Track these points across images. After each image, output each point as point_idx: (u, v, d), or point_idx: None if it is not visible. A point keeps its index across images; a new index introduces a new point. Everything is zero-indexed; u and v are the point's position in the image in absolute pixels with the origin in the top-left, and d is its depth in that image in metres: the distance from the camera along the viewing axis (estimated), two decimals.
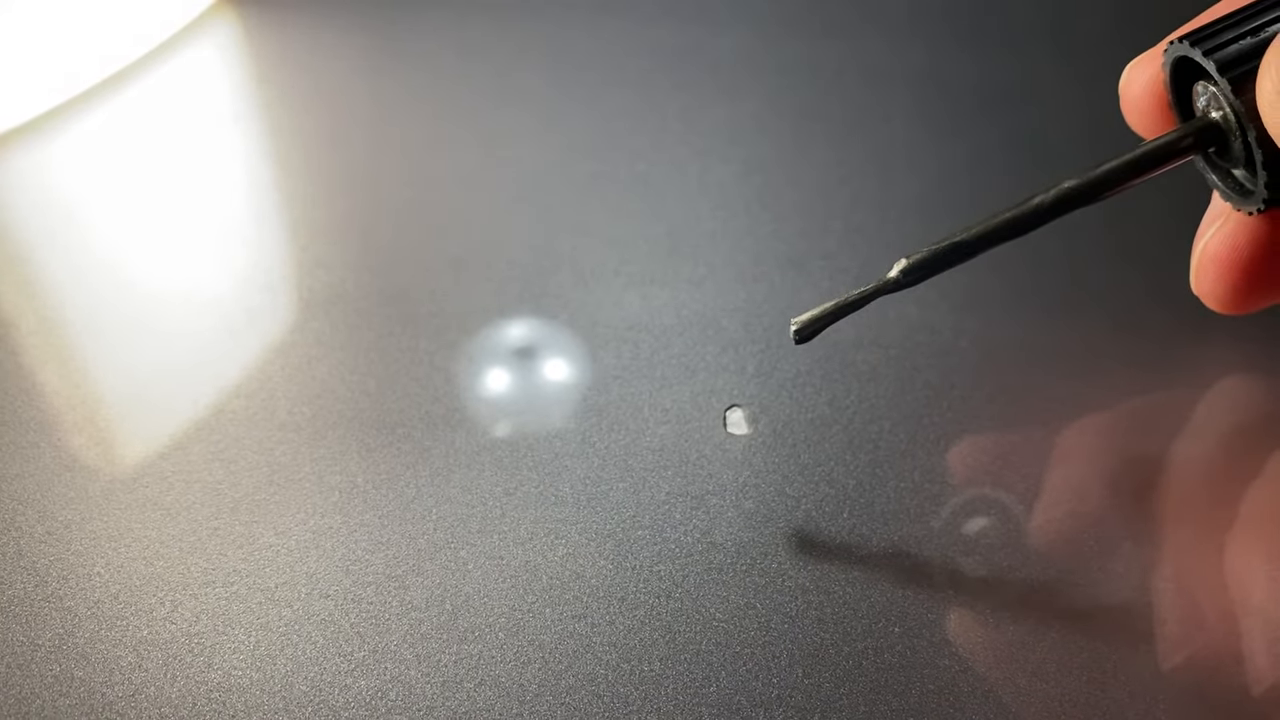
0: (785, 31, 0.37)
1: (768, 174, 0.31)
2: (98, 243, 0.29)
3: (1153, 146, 0.19)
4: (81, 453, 0.23)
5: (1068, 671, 0.20)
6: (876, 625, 0.20)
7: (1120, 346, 0.25)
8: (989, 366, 0.25)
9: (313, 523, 0.22)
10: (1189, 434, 0.24)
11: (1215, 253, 0.20)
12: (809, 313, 0.21)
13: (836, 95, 0.34)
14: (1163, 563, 0.21)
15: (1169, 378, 0.25)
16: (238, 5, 0.38)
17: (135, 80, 0.34)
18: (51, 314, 0.26)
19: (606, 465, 0.23)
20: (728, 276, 0.27)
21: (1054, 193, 0.19)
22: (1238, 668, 0.20)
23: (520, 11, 0.38)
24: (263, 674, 0.19)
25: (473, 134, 0.32)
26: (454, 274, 0.27)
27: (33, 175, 0.31)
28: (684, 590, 0.21)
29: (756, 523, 0.22)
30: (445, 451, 0.23)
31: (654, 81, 0.35)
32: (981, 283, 0.26)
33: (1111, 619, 0.21)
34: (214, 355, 0.25)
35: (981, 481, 0.23)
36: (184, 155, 0.32)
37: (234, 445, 0.23)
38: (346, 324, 0.26)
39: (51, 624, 0.20)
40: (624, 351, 0.25)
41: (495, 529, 0.22)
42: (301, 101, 0.34)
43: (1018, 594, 0.21)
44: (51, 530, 0.22)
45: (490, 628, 0.20)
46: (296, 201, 0.30)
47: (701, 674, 0.20)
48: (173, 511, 0.22)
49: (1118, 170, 0.19)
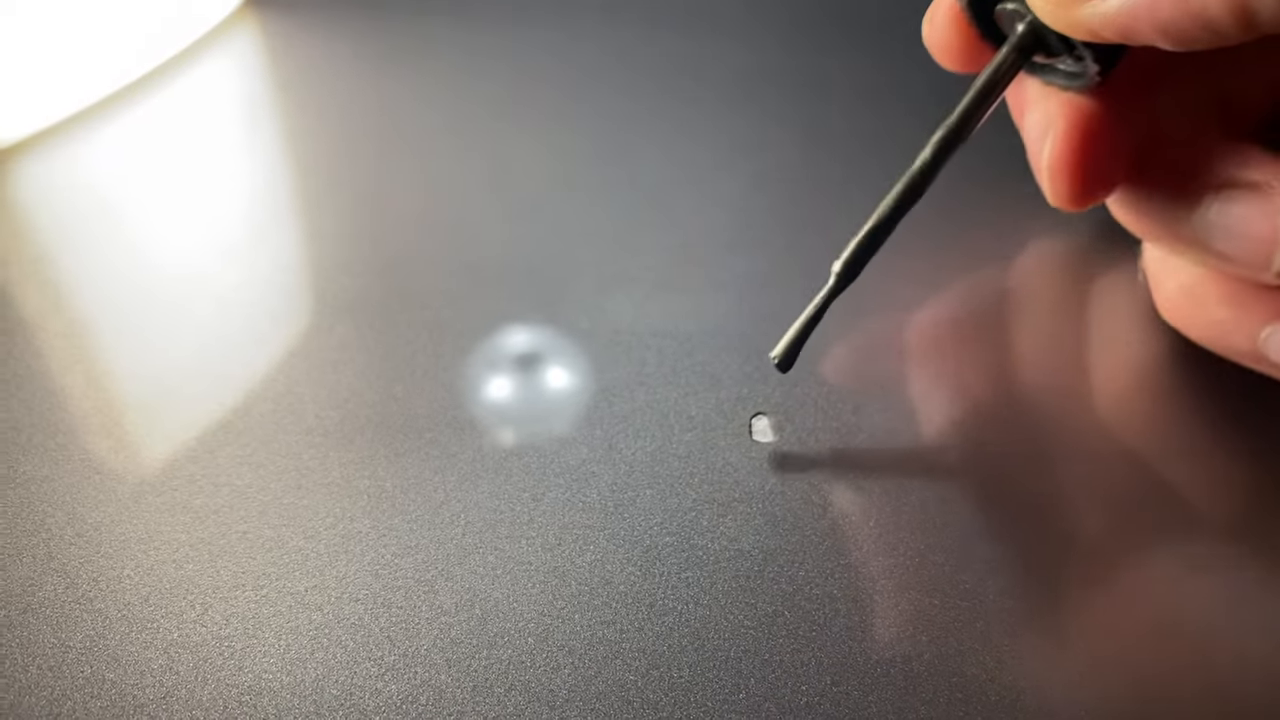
0: (797, 42, 0.37)
1: (782, 183, 0.31)
2: (122, 247, 0.29)
3: (990, 71, 0.22)
4: (110, 456, 0.23)
5: (1097, 678, 0.20)
6: (905, 633, 0.20)
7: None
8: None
9: (341, 527, 0.22)
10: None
11: (1056, 161, 0.22)
12: (781, 342, 0.23)
13: (847, 105, 0.34)
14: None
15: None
16: (258, 14, 0.38)
17: (157, 87, 0.35)
18: (78, 318, 0.27)
19: (634, 472, 0.23)
20: (748, 285, 0.27)
21: (930, 148, 0.22)
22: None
23: (536, 23, 0.38)
24: (293, 677, 0.19)
25: (490, 142, 0.33)
26: (475, 280, 0.28)
27: (57, 180, 0.31)
28: (712, 597, 0.21)
29: (783, 530, 0.22)
30: (472, 457, 0.23)
31: (665, 91, 0.35)
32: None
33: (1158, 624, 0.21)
34: (240, 359, 0.25)
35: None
36: (207, 161, 0.32)
37: (262, 449, 0.23)
38: (371, 328, 0.26)
39: (83, 626, 0.20)
40: (647, 358, 0.26)
41: (523, 534, 0.22)
42: (321, 109, 0.34)
43: (1048, 606, 0.21)
44: (81, 533, 0.22)
45: (519, 633, 0.20)
46: (317, 207, 0.30)
47: (731, 681, 0.20)
48: (202, 515, 0.22)
49: (971, 104, 0.21)
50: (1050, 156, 0.22)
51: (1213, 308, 0.23)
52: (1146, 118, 0.22)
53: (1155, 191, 0.22)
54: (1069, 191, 0.22)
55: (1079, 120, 0.22)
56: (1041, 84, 0.22)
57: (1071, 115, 0.22)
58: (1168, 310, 0.25)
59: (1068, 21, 0.19)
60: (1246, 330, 0.23)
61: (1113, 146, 0.22)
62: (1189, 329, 0.24)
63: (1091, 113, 0.22)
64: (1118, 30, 0.19)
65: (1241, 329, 0.23)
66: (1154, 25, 0.18)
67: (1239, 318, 0.23)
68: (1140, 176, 0.23)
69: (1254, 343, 0.23)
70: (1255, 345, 0.23)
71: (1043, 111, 0.22)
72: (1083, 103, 0.22)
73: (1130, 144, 0.22)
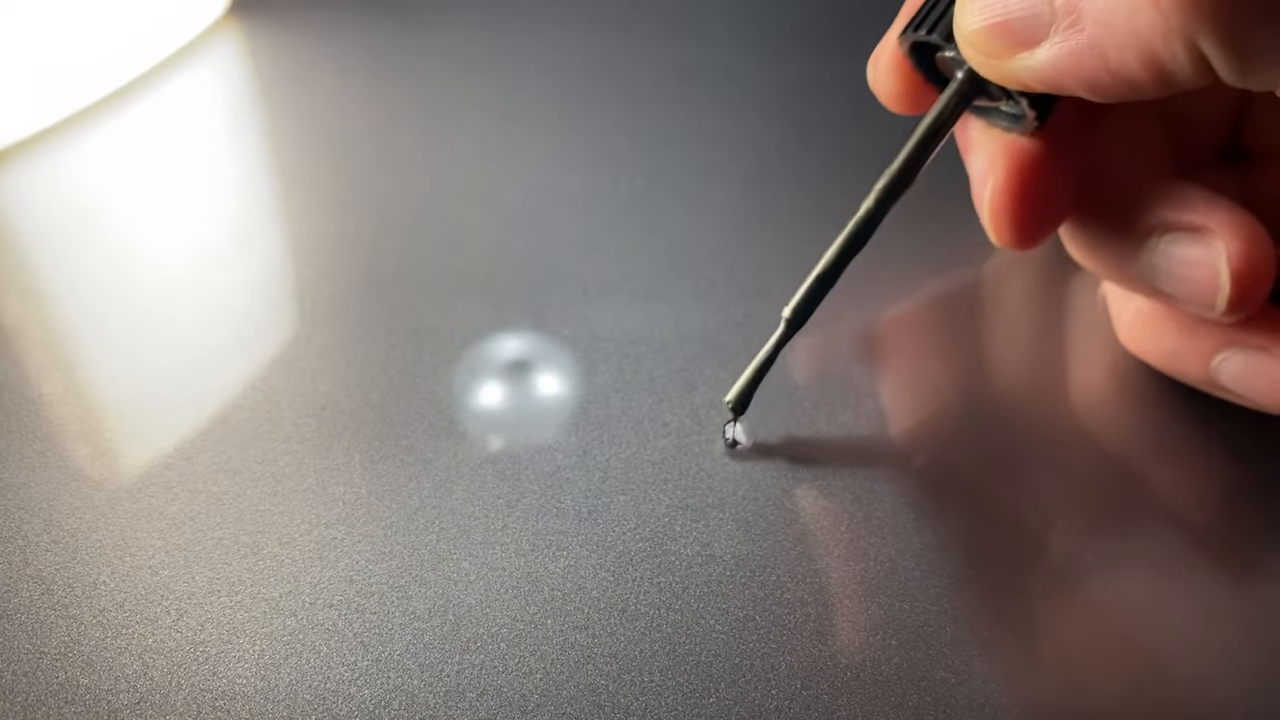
0: (784, 48, 0.37)
1: (767, 190, 0.31)
2: (103, 255, 0.29)
3: (932, 118, 0.22)
4: (87, 462, 0.23)
5: (1066, 684, 0.20)
6: (875, 638, 0.21)
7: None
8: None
9: (317, 533, 0.22)
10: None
11: (997, 204, 0.22)
12: (734, 388, 0.24)
13: (834, 112, 0.34)
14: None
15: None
16: (241, 22, 0.39)
17: (141, 94, 0.35)
18: (57, 324, 0.27)
19: (607, 478, 0.23)
20: (728, 292, 0.28)
21: (874, 196, 0.22)
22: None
23: (523, 30, 0.38)
24: (267, 683, 0.20)
25: (475, 149, 0.33)
26: (457, 287, 0.28)
27: (39, 187, 0.31)
28: (684, 602, 0.21)
29: (755, 536, 0.22)
30: (448, 463, 0.23)
31: (654, 98, 0.35)
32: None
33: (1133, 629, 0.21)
34: (219, 367, 0.26)
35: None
36: (189, 168, 0.32)
37: (239, 456, 0.23)
38: (350, 336, 0.26)
39: (57, 632, 0.20)
40: (625, 365, 0.26)
41: (497, 540, 0.22)
42: (306, 116, 0.35)
43: (1017, 611, 0.21)
44: (57, 539, 0.22)
45: (492, 638, 0.20)
46: (301, 215, 0.30)
47: (701, 685, 0.20)
48: (177, 521, 0.22)
49: (915, 150, 0.22)
50: (991, 199, 0.22)
51: (1166, 337, 0.24)
52: (1090, 157, 0.23)
53: (1100, 232, 0.23)
54: (1010, 234, 0.22)
55: (1019, 163, 0.22)
56: (985, 125, 0.22)
57: (1012, 158, 0.22)
58: (1125, 338, 0.26)
59: (997, 73, 0.20)
60: (1199, 358, 0.23)
61: (1054, 189, 0.22)
62: (1146, 356, 0.25)
63: (1032, 155, 0.22)
64: (1044, 83, 0.19)
65: (1194, 357, 0.23)
66: (1078, 80, 0.19)
67: (1191, 346, 0.23)
68: (1085, 217, 0.23)
69: (1207, 370, 0.23)
70: (1208, 372, 0.23)
71: (985, 153, 0.22)
72: (1024, 145, 0.22)
73: (1072, 185, 0.23)
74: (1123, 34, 0.17)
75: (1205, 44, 0.17)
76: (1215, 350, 0.23)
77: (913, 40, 0.22)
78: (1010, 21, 0.19)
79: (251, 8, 0.39)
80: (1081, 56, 0.18)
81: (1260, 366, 0.22)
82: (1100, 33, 0.18)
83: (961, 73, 0.21)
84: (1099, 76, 0.18)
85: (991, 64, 0.20)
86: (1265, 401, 0.23)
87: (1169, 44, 0.17)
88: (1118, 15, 0.17)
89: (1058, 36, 0.18)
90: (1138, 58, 0.17)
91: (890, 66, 0.23)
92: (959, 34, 0.20)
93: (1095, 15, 0.17)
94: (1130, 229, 0.22)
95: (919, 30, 0.21)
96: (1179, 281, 0.22)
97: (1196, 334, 0.23)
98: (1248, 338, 0.22)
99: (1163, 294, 0.22)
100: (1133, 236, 0.22)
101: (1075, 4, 0.18)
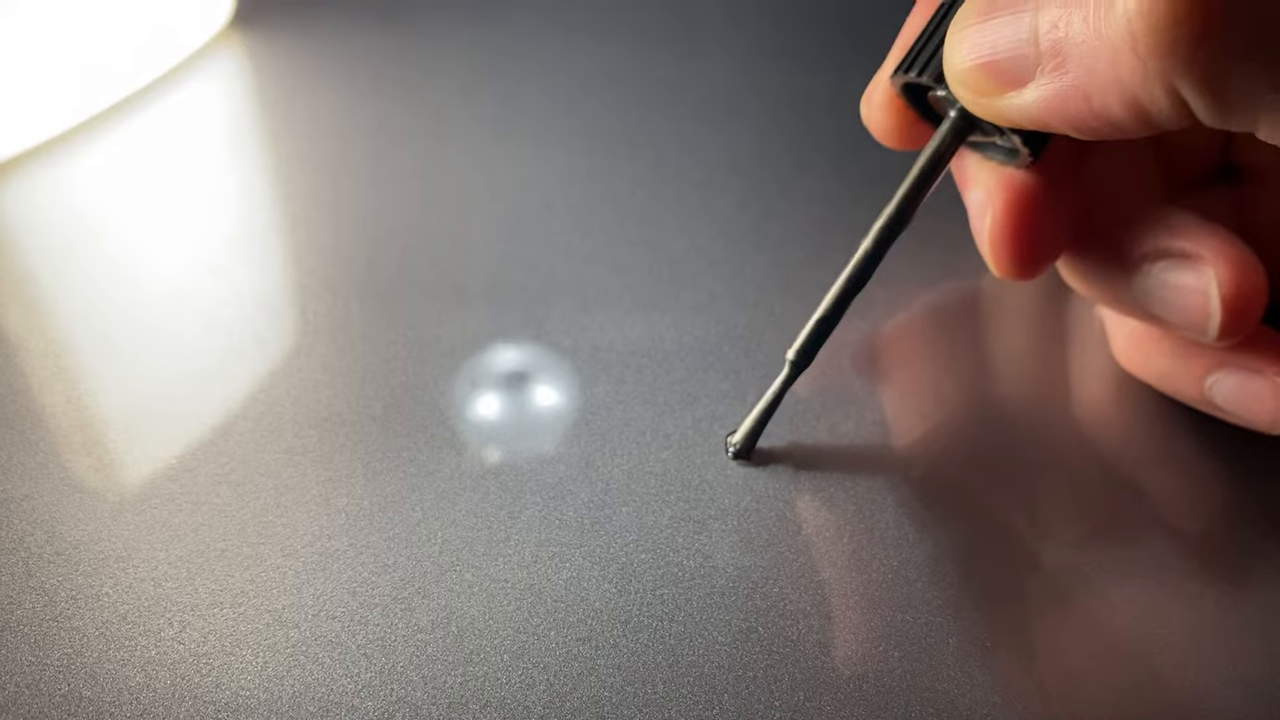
0: (782, 65, 0.38)
1: (766, 203, 0.31)
2: (105, 267, 0.29)
3: (927, 156, 0.22)
4: (89, 474, 0.23)
5: (1067, 694, 0.20)
6: (877, 649, 0.21)
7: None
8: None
9: (319, 545, 0.22)
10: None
11: (996, 236, 0.23)
12: (739, 430, 0.24)
13: (832, 126, 0.34)
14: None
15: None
16: (242, 35, 0.39)
17: (142, 108, 0.35)
18: (59, 336, 0.27)
19: (610, 490, 0.23)
20: (729, 304, 0.28)
21: (872, 236, 0.22)
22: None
23: (524, 43, 0.38)
24: (270, 694, 0.20)
25: (475, 162, 0.33)
26: (458, 300, 0.28)
27: (40, 199, 0.31)
28: (686, 614, 0.21)
29: (758, 547, 0.22)
30: (450, 475, 0.23)
31: (654, 111, 0.35)
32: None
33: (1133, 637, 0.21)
34: (221, 379, 0.26)
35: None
36: (191, 180, 0.32)
37: (241, 468, 0.23)
38: (352, 348, 0.26)
39: (60, 644, 0.20)
40: (627, 377, 0.26)
41: (500, 552, 0.22)
42: (306, 128, 0.35)
43: (1019, 621, 0.21)
44: (60, 551, 0.22)
45: (495, 650, 0.20)
46: (301, 227, 0.30)
47: (704, 697, 0.20)
48: (180, 533, 0.22)
49: (912, 188, 0.22)
50: (990, 232, 0.23)
51: (1160, 358, 0.24)
52: (1085, 188, 0.23)
53: (1094, 259, 0.23)
54: (1010, 265, 0.23)
55: (1016, 196, 0.22)
56: (981, 159, 0.23)
57: (1009, 191, 0.22)
58: (1121, 358, 0.26)
59: (988, 111, 0.20)
60: (1192, 379, 0.24)
61: (1051, 220, 0.23)
62: (1141, 375, 0.25)
63: (1029, 188, 0.22)
64: (1032, 122, 0.19)
65: (1187, 378, 0.24)
66: (1063, 120, 0.19)
67: (1185, 368, 0.24)
68: (1080, 245, 0.23)
69: (1201, 390, 0.24)
70: (1202, 393, 0.24)
71: (982, 187, 0.23)
72: (1020, 178, 0.22)
73: (1068, 216, 0.23)
74: (1105, 78, 0.18)
75: (1183, 88, 0.17)
76: (1208, 371, 0.23)
77: (904, 82, 0.22)
78: (998, 61, 0.19)
79: (253, 21, 0.39)
80: (1067, 99, 0.18)
81: (1253, 387, 0.23)
82: (1084, 76, 0.18)
83: (954, 111, 0.21)
84: (1084, 118, 0.19)
85: (982, 102, 0.20)
86: (1258, 421, 0.23)
87: (1149, 88, 0.17)
88: (1099, 60, 0.17)
89: (1044, 78, 0.19)
90: (1120, 101, 0.18)
91: (884, 104, 0.23)
92: (949, 72, 0.20)
93: (1078, 59, 0.18)
94: (1123, 256, 0.23)
95: (909, 72, 0.22)
96: (1171, 307, 0.22)
97: (1190, 355, 0.24)
98: (1240, 359, 0.23)
99: (1156, 319, 0.23)
100: (1126, 263, 0.22)
101: (1059, 47, 0.18)
